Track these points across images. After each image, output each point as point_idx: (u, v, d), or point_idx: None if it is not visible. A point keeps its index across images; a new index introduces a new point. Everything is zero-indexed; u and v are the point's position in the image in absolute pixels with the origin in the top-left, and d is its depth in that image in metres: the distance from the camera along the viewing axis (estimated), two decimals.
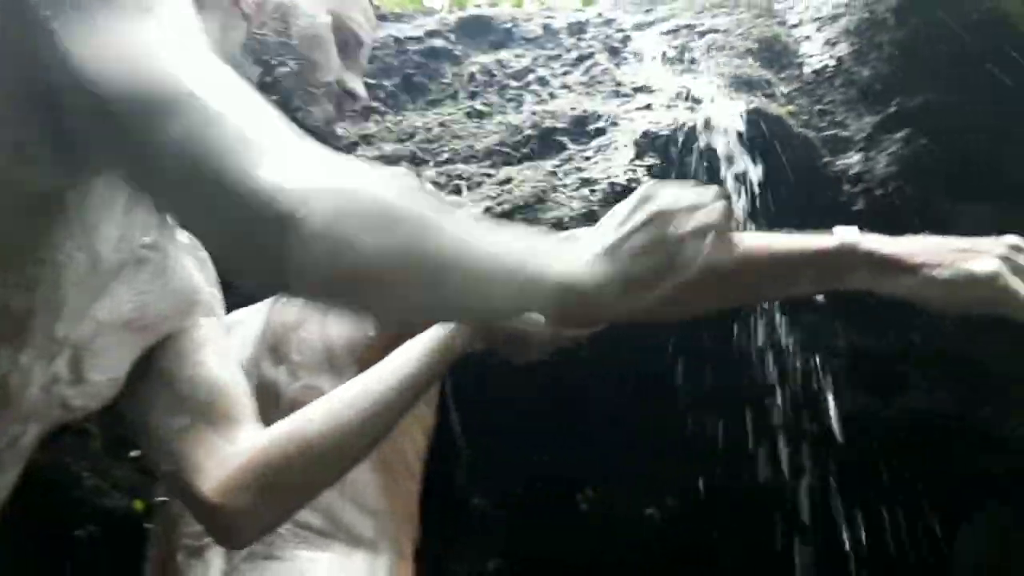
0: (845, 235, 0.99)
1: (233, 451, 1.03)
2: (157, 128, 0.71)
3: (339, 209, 0.70)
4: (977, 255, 0.98)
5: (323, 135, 1.19)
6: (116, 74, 0.73)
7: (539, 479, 2.01)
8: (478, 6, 4.14)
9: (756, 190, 2.16)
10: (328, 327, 1.28)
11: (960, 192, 2.32)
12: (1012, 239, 0.99)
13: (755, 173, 2.18)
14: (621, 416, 2.13)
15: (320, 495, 1.10)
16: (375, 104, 2.56)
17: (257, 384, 1.27)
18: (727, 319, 2.04)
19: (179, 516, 1.24)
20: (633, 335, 2.16)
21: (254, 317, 1.42)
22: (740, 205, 2.09)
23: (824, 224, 2.21)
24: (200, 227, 0.78)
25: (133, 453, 1.80)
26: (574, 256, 0.86)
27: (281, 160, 0.71)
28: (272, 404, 1.24)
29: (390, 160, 2.37)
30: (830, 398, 2.14)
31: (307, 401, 1.11)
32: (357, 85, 1.21)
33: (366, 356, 1.25)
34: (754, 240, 1.02)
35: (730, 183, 2.16)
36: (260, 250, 0.71)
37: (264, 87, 1.09)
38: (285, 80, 1.15)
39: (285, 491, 1.03)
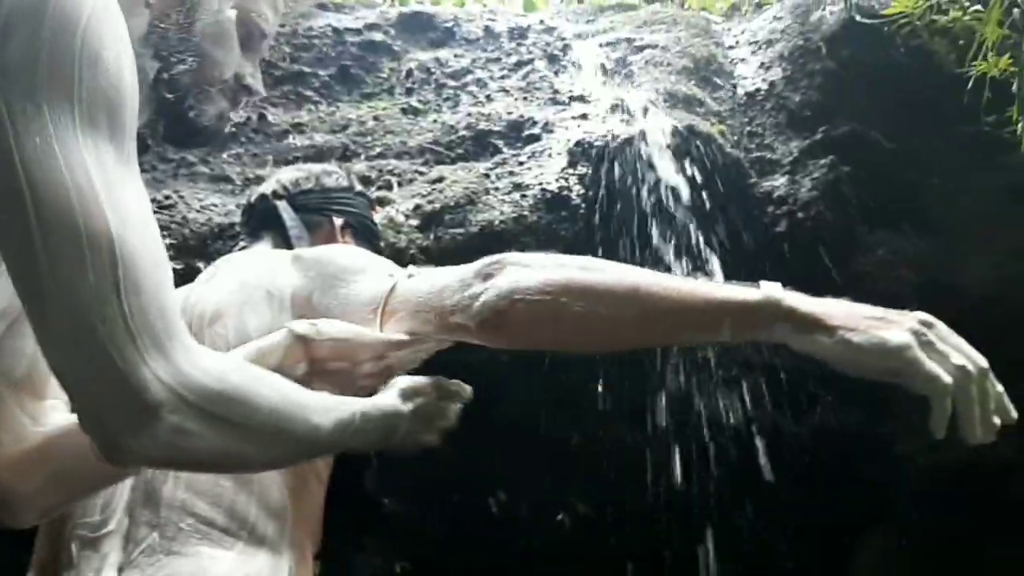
0: (770, 290, 1.02)
1: (34, 431, 1.05)
2: (70, 269, 0.76)
3: (195, 412, 0.80)
4: (890, 325, 0.99)
5: (214, 131, 1.17)
6: (59, 214, 0.76)
7: (449, 483, 2.00)
8: (420, 2, 4.14)
9: (685, 205, 2.19)
10: (247, 324, 1.26)
11: (877, 220, 2.39)
12: (922, 315, 1.02)
13: (684, 189, 2.21)
14: (533, 422, 2.14)
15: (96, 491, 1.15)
16: (308, 93, 2.53)
17: None
18: None
19: (74, 507, 1.21)
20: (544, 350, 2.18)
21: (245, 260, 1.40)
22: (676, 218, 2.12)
23: (747, 243, 2.28)
24: (63, 374, 0.80)
25: None
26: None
27: (164, 349, 0.79)
28: None
29: (321, 150, 2.34)
30: (744, 414, 2.19)
31: None
32: (255, 80, 1.19)
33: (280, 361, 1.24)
34: (679, 284, 1.04)
35: (660, 196, 2.20)
36: (108, 426, 0.79)
37: (160, 83, 1.08)
38: (182, 77, 1.11)
39: (68, 483, 1.07)
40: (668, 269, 2.12)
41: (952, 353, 0.98)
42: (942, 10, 2.44)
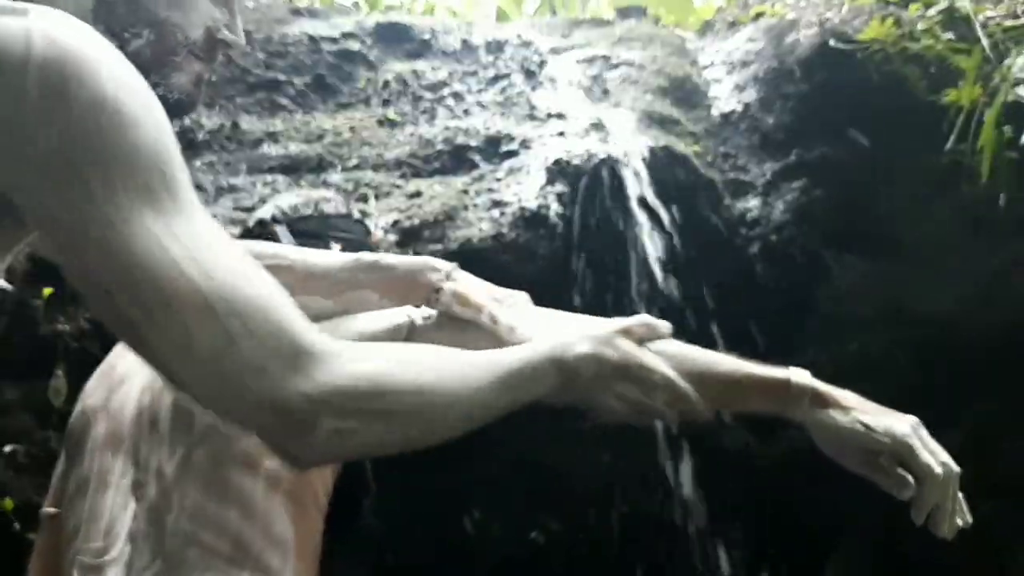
0: (797, 373, 1.15)
1: None
2: (175, 331, 0.77)
3: (347, 412, 0.82)
4: (894, 416, 1.14)
5: (190, 101, 1.04)
6: (144, 281, 0.76)
7: (424, 502, 1.99)
8: (392, 7, 4.12)
9: (660, 226, 2.20)
10: None
11: (847, 245, 2.42)
12: (914, 419, 1.15)
13: (660, 210, 2.23)
14: (508, 440, 2.13)
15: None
16: (283, 101, 2.50)
17: (172, 407, 1.24)
18: None
19: (76, 531, 1.19)
20: None
21: None
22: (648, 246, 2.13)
23: (720, 264, 2.30)
24: (212, 410, 0.84)
25: (7, 448, 1.70)
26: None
27: (297, 364, 0.80)
28: (186, 429, 1.22)
29: (296, 160, 2.31)
30: (716, 434, 2.21)
31: (222, 428, 1.12)
32: (232, 30, 1.06)
33: None
34: (706, 358, 1.14)
35: (635, 216, 2.21)
36: (274, 443, 0.84)
37: None
38: (142, 52, 0.99)
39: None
40: (642, 288, 2.13)
41: (939, 452, 1.13)
42: (915, 38, 2.48)
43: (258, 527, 1.19)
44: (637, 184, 2.22)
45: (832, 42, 2.53)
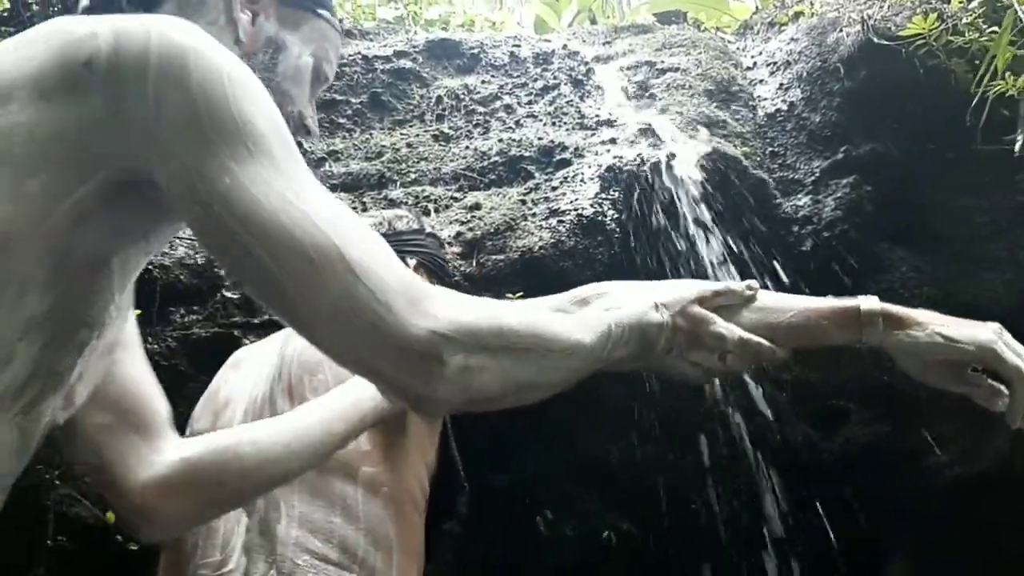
0: (866, 299, 1.11)
1: (161, 458, 1.11)
2: (311, 280, 0.84)
3: (471, 348, 0.87)
4: (975, 324, 1.09)
5: None
6: (277, 230, 0.84)
7: (497, 502, 2.05)
8: (432, 22, 4.20)
9: (713, 226, 2.25)
10: (341, 375, 1.32)
11: (899, 239, 2.45)
12: (996, 325, 1.10)
13: (713, 211, 2.27)
14: (577, 441, 2.19)
15: (237, 507, 1.22)
16: (342, 120, 2.58)
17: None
18: None
19: (195, 548, 1.26)
20: None
21: (265, 356, 1.45)
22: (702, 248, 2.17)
23: (773, 262, 2.34)
24: (347, 361, 0.90)
25: None
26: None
27: (419, 306, 0.86)
28: None
29: (357, 177, 2.39)
30: (775, 429, 2.24)
31: None
32: (313, 123, 1.24)
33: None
34: (775, 301, 1.13)
35: (689, 218, 2.26)
36: (406, 385, 0.87)
37: None
38: None
39: (210, 501, 1.13)
40: None
41: None
42: (958, 31, 2.51)
43: (362, 531, 1.26)
44: (689, 187, 2.27)
45: (875, 39, 2.57)
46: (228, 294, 1.95)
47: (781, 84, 2.73)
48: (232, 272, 0.94)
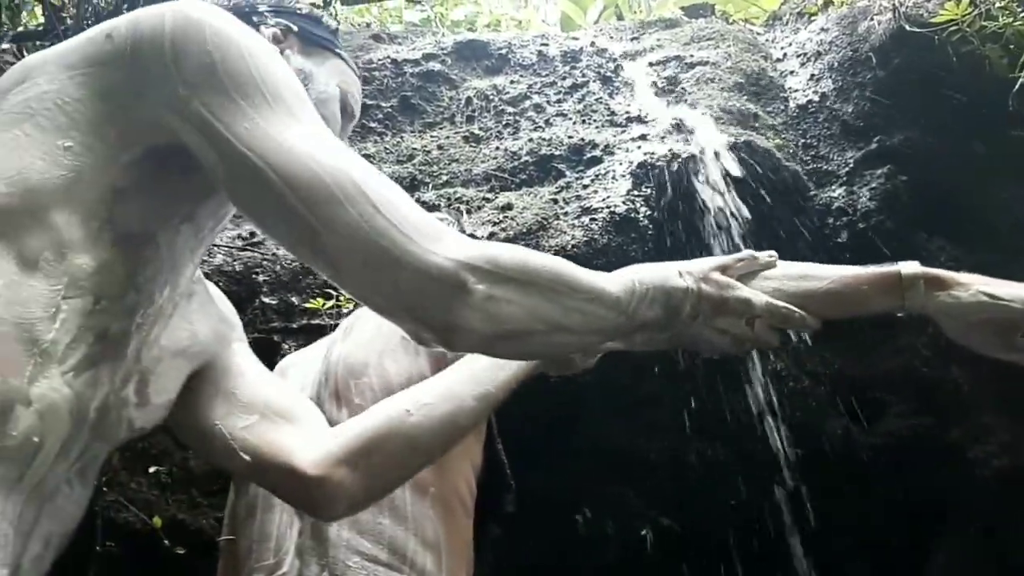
0: (905, 264, 1.10)
1: (321, 437, 1.12)
2: (333, 213, 0.86)
3: (495, 278, 0.88)
4: (1019, 285, 1.07)
5: None
6: (299, 168, 0.87)
7: (535, 501, 2.06)
8: (458, 23, 4.21)
9: (747, 219, 2.24)
10: (387, 370, 1.34)
11: (937, 228, 2.42)
12: None
13: (746, 204, 2.26)
14: (614, 439, 2.19)
15: (405, 482, 1.21)
16: (373, 124, 2.60)
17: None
18: None
19: (249, 552, 1.28)
20: (624, 361, 2.23)
21: (310, 362, 1.47)
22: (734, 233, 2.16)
23: (808, 254, 2.32)
24: (374, 296, 0.91)
25: (151, 469, 1.82)
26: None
27: (442, 240, 0.88)
28: None
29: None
30: (816, 423, 2.23)
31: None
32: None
33: None
34: (812, 270, 1.12)
35: (722, 214, 2.25)
36: (433, 315, 0.89)
37: None
38: None
39: (380, 473, 1.13)
40: None
41: None
42: (991, 16, 2.47)
43: (410, 532, 1.28)
44: (721, 181, 2.26)
45: (907, 26, 2.54)
46: (266, 300, 1.98)
47: (812, 75, 2.70)
48: (256, 216, 0.95)
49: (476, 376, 1.21)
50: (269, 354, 1.67)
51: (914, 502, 2.31)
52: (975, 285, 1.05)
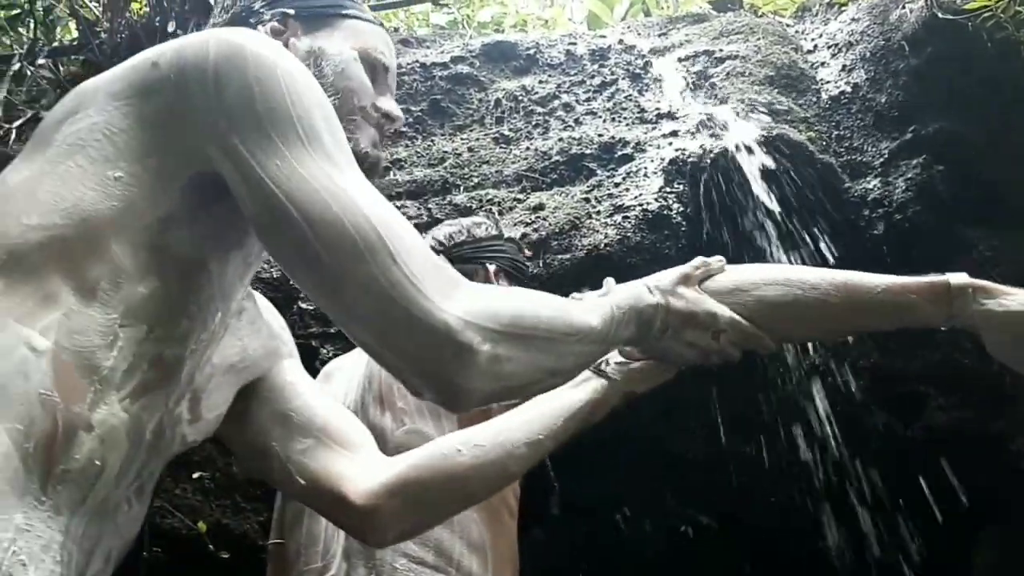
0: (953, 275, 1.12)
1: (374, 466, 1.14)
2: (353, 263, 0.87)
3: (498, 336, 0.91)
4: None
5: (374, 159, 1.22)
6: (324, 212, 0.88)
7: (573, 501, 2.06)
8: (484, 24, 4.22)
9: (781, 214, 2.22)
10: None
11: (975, 218, 2.39)
12: None
13: (780, 199, 2.24)
14: (653, 438, 2.19)
15: (451, 517, 1.24)
16: (403, 129, 2.61)
17: (368, 427, 1.34)
18: None
19: (297, 555, 1.31)
20: None
21: (353, 366, 1.49)
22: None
23: (845, 247, 2.30)
24: (384, 350, 0.92)
25: (195, 475, 1.85)
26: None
27: (452, 296, 0.89)
28: (380, 447, 1.32)
29: (421, 185, 2.42)
30: (855, 417, 2.21)
31: (412, 444, 1.23)
32: (391, 106, 1.27)
33: None
34: (866, 277, 1.12)
35: (756, 208, 2.23)
36: (440, 376, 0.90)
37: None
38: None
39: (430, 508, 1.15)
40: None
41: None
42: None
43: (456, 534, 1.29)
44: (754, 175, 2.25)
45: (939, 14, 2.50)
46: (304, 305, 2.00)
47: (844, 66, 2.68)
48: (275, 251, 0.96)
49: (529, 424, 1.21)
50: (308, 358, 1.69)
51: (957, 497, 2.28)
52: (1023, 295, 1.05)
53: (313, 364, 1.83)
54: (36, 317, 0.85)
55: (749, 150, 2.31)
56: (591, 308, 1.03)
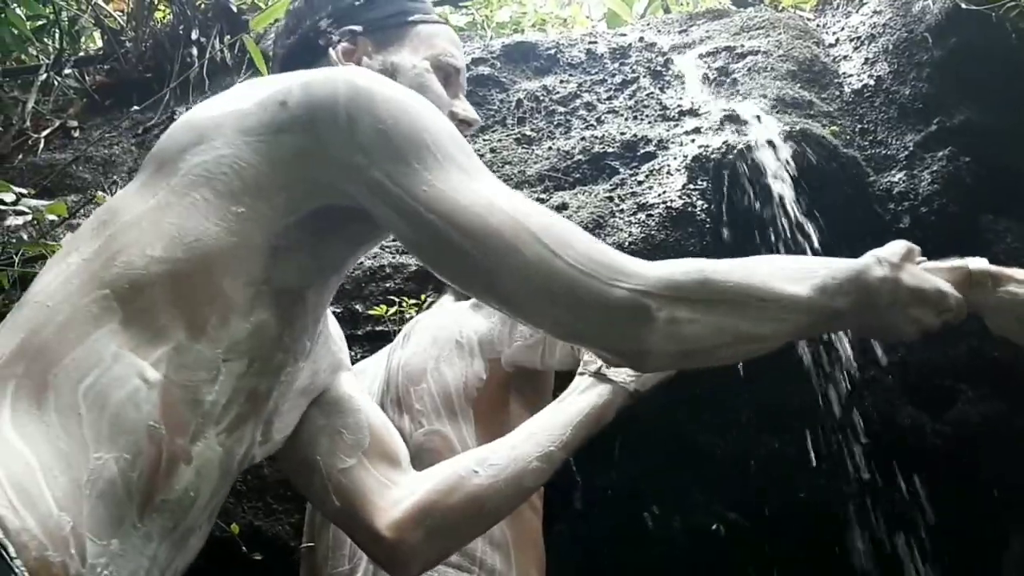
0: (972, 260, 1.12)
1: (401, 493, 1.14)
2: (515, 261, 0.91)
3: (676, 301, 0.92)
4: None
5: None
6: (479, 222, 0.92)
7: (602, 498, 2.06)
8: (503, 24, 4.22)
9: (806, 209, 2.21)
10: (444, 375, 1.37)
11: (1002, 209, 2.37)
12: None
13: (805, 194, 2.24)
14: (681, 434, 2.19)
15: (475, 539, 1.23)
16: None
17: None
18: None
19: (325, 558, 1.33)
20: None
21: (374, 369, 1.51)
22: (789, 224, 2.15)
23: (871, 241, 2.29)
24: (566, 334, 0.98)
25: None
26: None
27: (623, 270, 0.92)
28: None
29: None
30: (883, 413, 2.20)
31: (431, 445, 1.28)
32: (468, 111, 1.28)
33: (480, 396, 1.40)
34: None
35: (780, 204, 2.22)
36: (622, 344, 0.94)
37: None
38: None
39: (452, 533, 1.15)
40: None
41: None
42: None
43: None
44: (779, 171, 2.24)
45: (963, 4, 2.49)
46: (331, 308, 2.01)
47: (866, 59, 2.66)
48: (445, 271, 1.00)
49: (536, 438, 1.22)
50: None
51: (988, 492, 2.27)
52: None
53: None
54: (149, 349, 0.87)
55: (772, 146, 2.30)
56: (800, 276, 0.99)
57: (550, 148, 2.48)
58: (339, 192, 0.95)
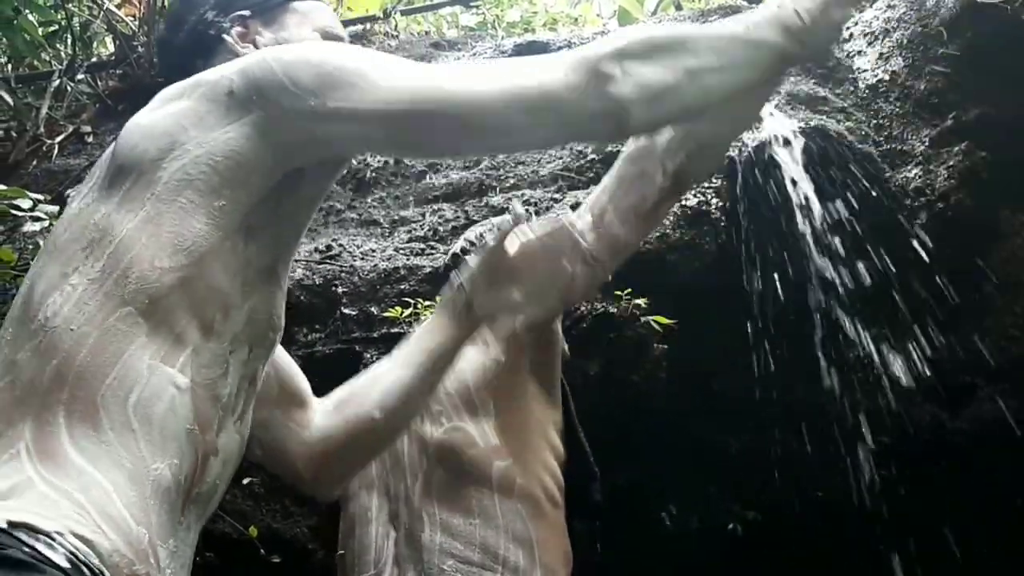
0: None
1: (312, 436, 1.19)
2: (483, 100, 0.97)
3: (624, 57, 0.97)
4: None
5: None
6: (431, 93, 0.98)
7: (621, 498, 2.06)
8: (513, 24, 4.21)
9: (822, 206, 2.20)
10: (461, 373, 1.38)
11: (1019, 204, 2.36)
12: None
13: (821, 189, 2.23)
14: (698, 434, 2.18)
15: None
16: None
17: (409, 436, 1.40)
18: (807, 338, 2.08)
19: (352, 565, 1.36)
20: (702, 353, 2.22)
21: None
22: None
23: (889, 238, 2.27)
24: (550, 133, 1.05)
25: (245, 480, 1.88)
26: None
27: (566, 61, 0.98)
28: (423, 451, 1.39)
29: (458, 187, 2.43)
30: (901, 410, 2.19)
31: (454, 443, 1.30)
32: None
33: (498, 379, 1.42)
34: None
35: (795, 201, 2.21)
36: (598, 107, 0.97)
37: None
38: None
39: (356, 460, 1.24)
40: (814, 268, 2.14)
41: None
42: None
43: (501, 530, 1.32)
44: (794, 167, 2.23)
45: None
46: (346, 311, 2.02)
47: (881, 54, 2.65)
48: (421, 146, 1.09)
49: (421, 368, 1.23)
50: (352, 364, 1.71)
51: (1008, 489, 2.25)
52: None
53: (356, 369, 1.84)
54: (174, 357, 0.91)
55: (787, 142, 2.29)
56: (730, 25, 1.07)
57: (563, 147, 2.48)
58: (307, 143, 1.00)
